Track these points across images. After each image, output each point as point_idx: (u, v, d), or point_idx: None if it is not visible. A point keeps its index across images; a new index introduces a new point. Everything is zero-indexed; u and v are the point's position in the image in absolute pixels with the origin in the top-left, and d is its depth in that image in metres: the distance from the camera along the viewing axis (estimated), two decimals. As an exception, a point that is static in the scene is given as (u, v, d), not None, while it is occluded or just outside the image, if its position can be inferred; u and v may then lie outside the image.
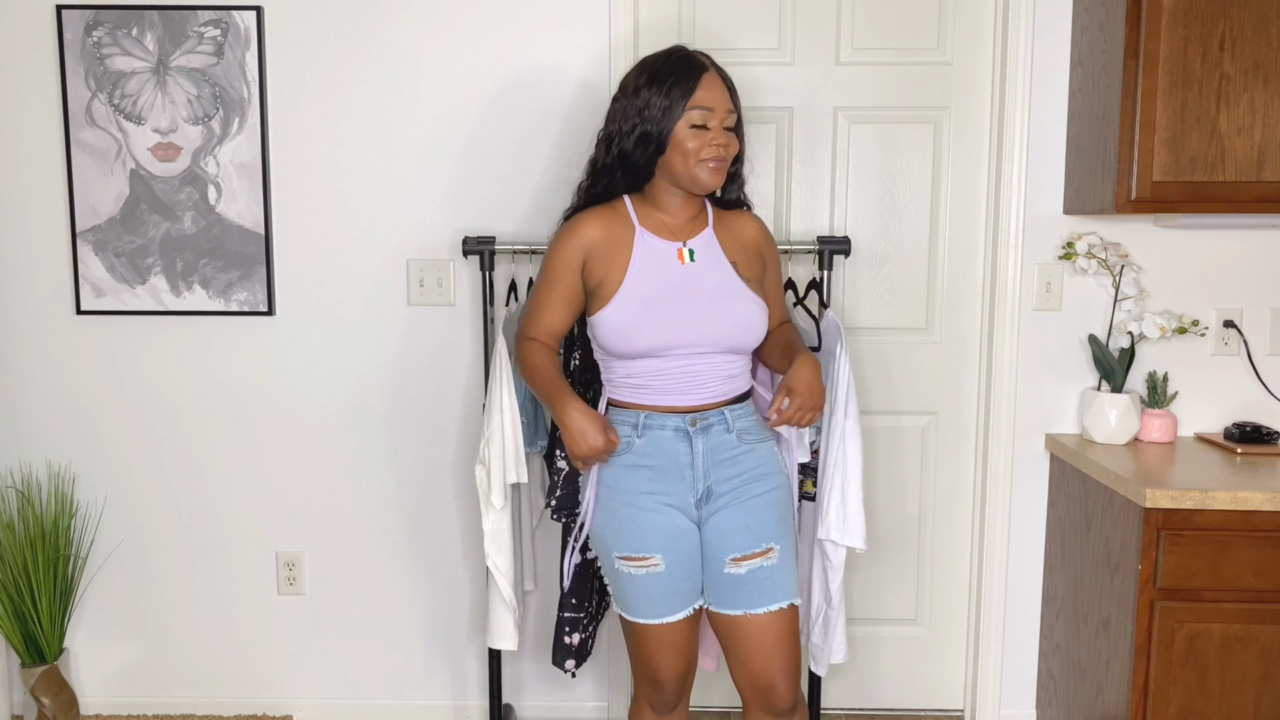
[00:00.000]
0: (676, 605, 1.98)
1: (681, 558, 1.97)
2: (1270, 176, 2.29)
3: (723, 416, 1.99)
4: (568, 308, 2.02)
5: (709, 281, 1.98)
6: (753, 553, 1.96)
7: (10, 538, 2.59)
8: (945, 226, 2.70)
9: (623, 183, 2.01)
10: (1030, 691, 2.78)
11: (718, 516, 1.98)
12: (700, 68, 1.93)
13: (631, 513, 1.97)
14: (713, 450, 1.98)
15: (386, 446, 2.72)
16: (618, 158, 1.98)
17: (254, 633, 2.80)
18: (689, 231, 2.01)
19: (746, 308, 1.98)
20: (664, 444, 1.97)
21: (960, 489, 2.79)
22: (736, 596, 1.96)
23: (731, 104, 1.95)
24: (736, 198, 2.11)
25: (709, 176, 1.94)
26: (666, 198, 2.01)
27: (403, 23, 2.58)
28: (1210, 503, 2.12)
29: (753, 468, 2.01)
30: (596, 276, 1.98)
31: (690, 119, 1.91)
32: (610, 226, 1.99)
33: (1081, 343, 2.66)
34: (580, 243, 1.98)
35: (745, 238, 2.08)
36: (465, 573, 2.77)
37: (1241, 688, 2.18)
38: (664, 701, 2.06)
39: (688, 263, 1.98)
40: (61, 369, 2.70)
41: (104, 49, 2.57)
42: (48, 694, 2.63)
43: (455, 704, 2.82)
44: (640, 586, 1.96)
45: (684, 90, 1.91)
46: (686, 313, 1.94)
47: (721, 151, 1.93)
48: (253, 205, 2.63)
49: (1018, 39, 2.55)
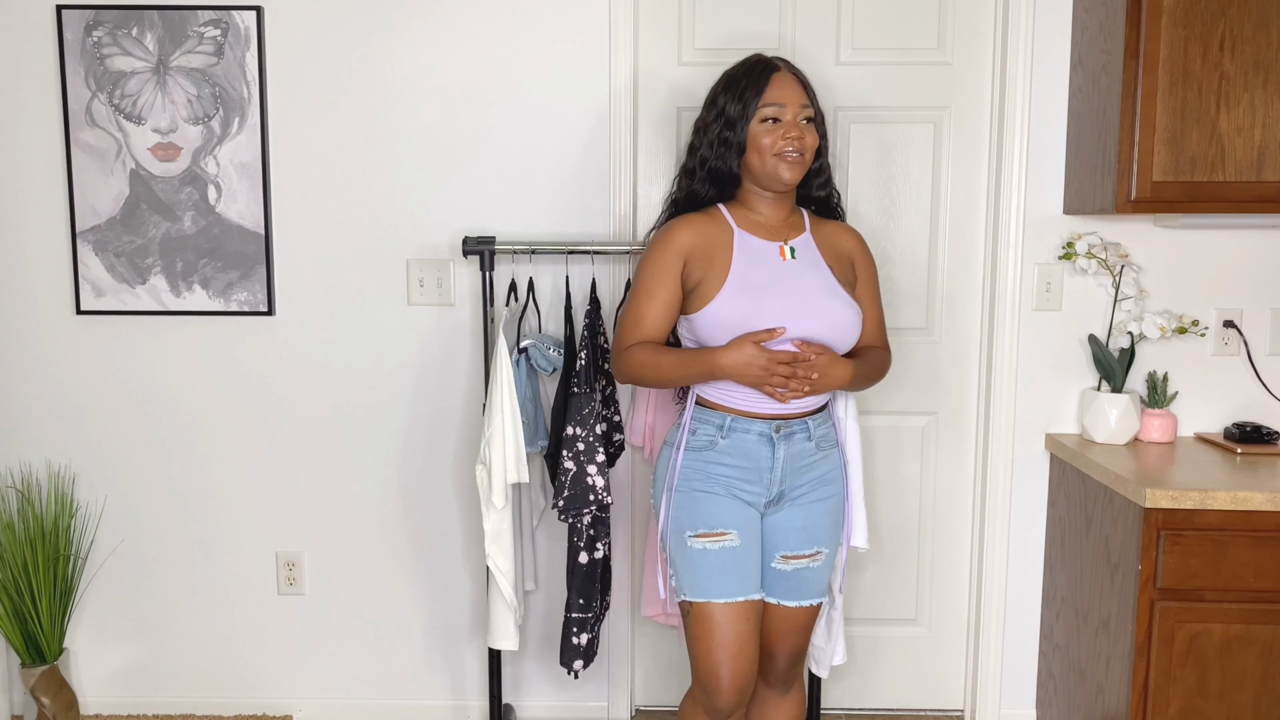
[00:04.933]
0: (745, 586, 1.99)
1: (753, 538, 2.01)
2: (1270, 176, 2.29)
3: (805, 426, 2.02)
4: (669, 313, 2.02)
5: (809, 279, 2.00)
6: (803, 554, 2.04)
7: (10, 538, 2.59)
8: (945, 226, 2.70)
9: (711, 190, 2.05)
10: (1030, 691, 2.78)
11: (779, 514, 2.04)
12: (771, 68, 2.00)
13: (709, 497, 2.00)
14: (793, 458, 2.01)
15: (387, 446, 2.72)
16: (702, 166, 2.04)
17: (254, 633, 2.80)
18: (787, 233, 2.05)
19: (843, 309, 2.00)
20: (748, 447, 1.99)
21: (960, 489, 2.79)
22: (775, 587, 2.06)
23: (806, 99, 2.00)
24: (827, 196, 2.13)
25: (787, 171, 1.97)
26: (757, 201, 2.05)
27: (403, 22, 2.58)
28: (1210, 503, 2.12)
29: (823, 474, 2.06)
30: (696, 277, 1.99)
31: (764, 115, 1.96)
32: (706, 229, 2.02)
33: (1081, 343, 2.66)
34: (678, 248, 2.00)
35: (841, 248, 2.10)
36: (465, 573, 2.77)
37: (1241, 688, 2.18)
38: (718, 710, 2.02)
39: (789, 259, 2.01)
40: (61, 369, 2.70)
41: (104, 49, 2.57)
42: (48, 694, 2.63)
43: (455, 704, 2.82)
44: (715, 561, 1.98)
45: (756, 90, 1.97)
46: (792, 304, 1.96)
47: (796, 144, 1.96)
48: (253, 205, 2.62)
49: (1018, 39, 2.55)
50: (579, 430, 2.30)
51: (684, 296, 2.01)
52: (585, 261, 2.61)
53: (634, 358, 2.01)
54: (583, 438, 2.30)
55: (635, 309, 2.03)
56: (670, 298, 2.00)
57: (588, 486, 2.29)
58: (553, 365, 2.45)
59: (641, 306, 2.01)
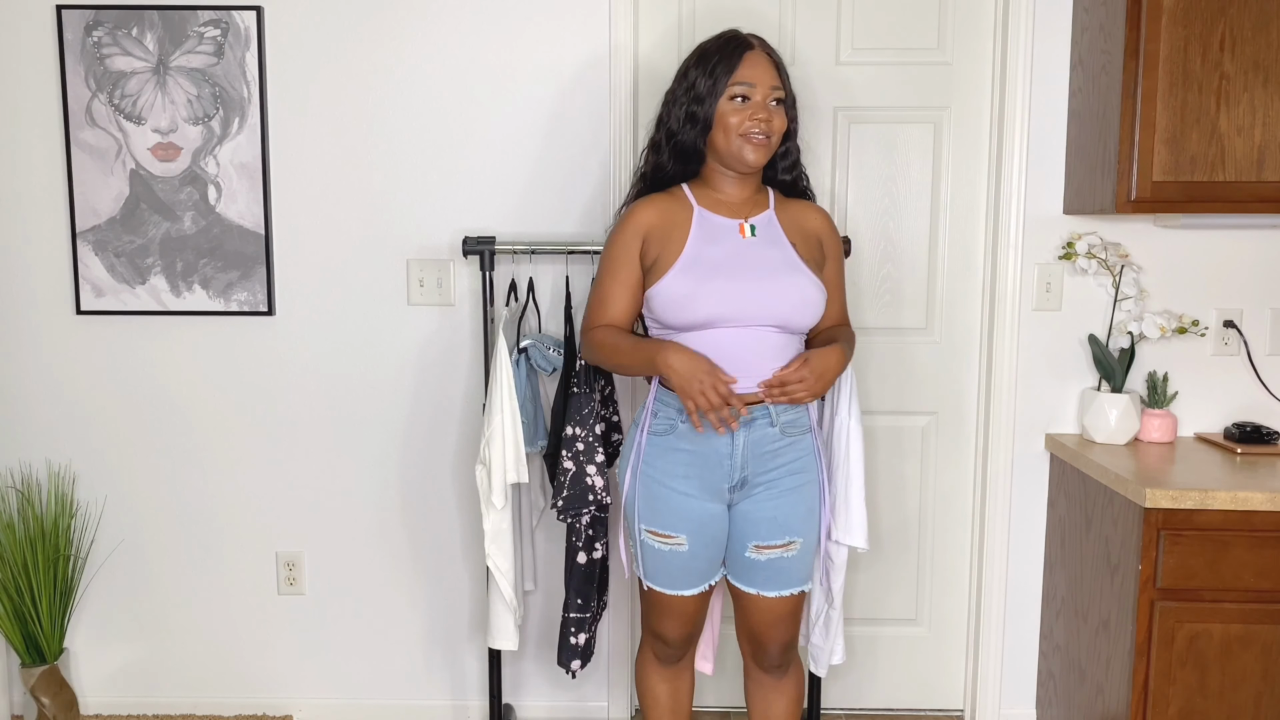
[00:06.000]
0: (693, 582, 2.06)
1: (706, 540, 2.03)
2: (1270, 176, 2.29)
3: (767, 411, 2.00)
4: (631, 294, 2.03)
5: (769, 255, 2.00)
6: (775, 544, 2.03)
7: (10, 538, 2.59)
8: (945, 226, 2.70)
9: (677, 167, 2.05)
10: (1030, 691, 2.78)
11: (748, 503, 2.03)
12: (745, 45, 1.98)
13: (665, 493, 2.01)
14: (754, 444, 2.00)
15: (386, 446, 2.72)
16: (668, 140, 2.03)
17: (254, 633, 2.80)
18: (749, 210, 2.05)
19: (804, 284, 1.99)
20: (707, 433, 1.99)
21: (960, 489, 2.79)
22: (753, 578, 2.06)
23: (778, 80, 1.98)
24: (794, 179, 2.12)
25: (752, 153, 1.96)
26: (721, 179, 2.04)
27: (403, 22, 2.58)
28: (1210, 503, 2.12)
29: (791, 461, 2.03)
30: (653, 254, 2.00)
31: (733, 93, 1.94)
32: (667, 208, 2.03)
33: (1081, 343, 2.66)
34: (636, 227, 2.02)
35: (807, 226, 2.09)
36: (465, 573, 2.77)
37: (1241, 688, 2.18)
38: (670, 655, 2.19)
39: (749, 237, 2.01)
40: (61, 369, 2.70)
41: (104, 49, 2.57)
42: (48, 694, 2.63)
43: (455, 704, 2.82)
44: (662, 560, 2.04)
45: (727, 67, 1.95)
46: (745, 284, 1.95)
47: (763, 125, 1.95)
48: (253, 205, 2.62)
49: (1018, 39, 2.55)
50: (578, 430, 2.30)
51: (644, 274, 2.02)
52: (586, 261, 2.61)
53: (596, 338, 2.05)
54: (582, 437, 2.30)
55: (599, 290, 2.06)
56: (630, 278, 2.02)
57: (587, 486, 2.29)
58: (552, 365, 2.45)
59: (605, 288, 2.05)
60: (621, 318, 2.05)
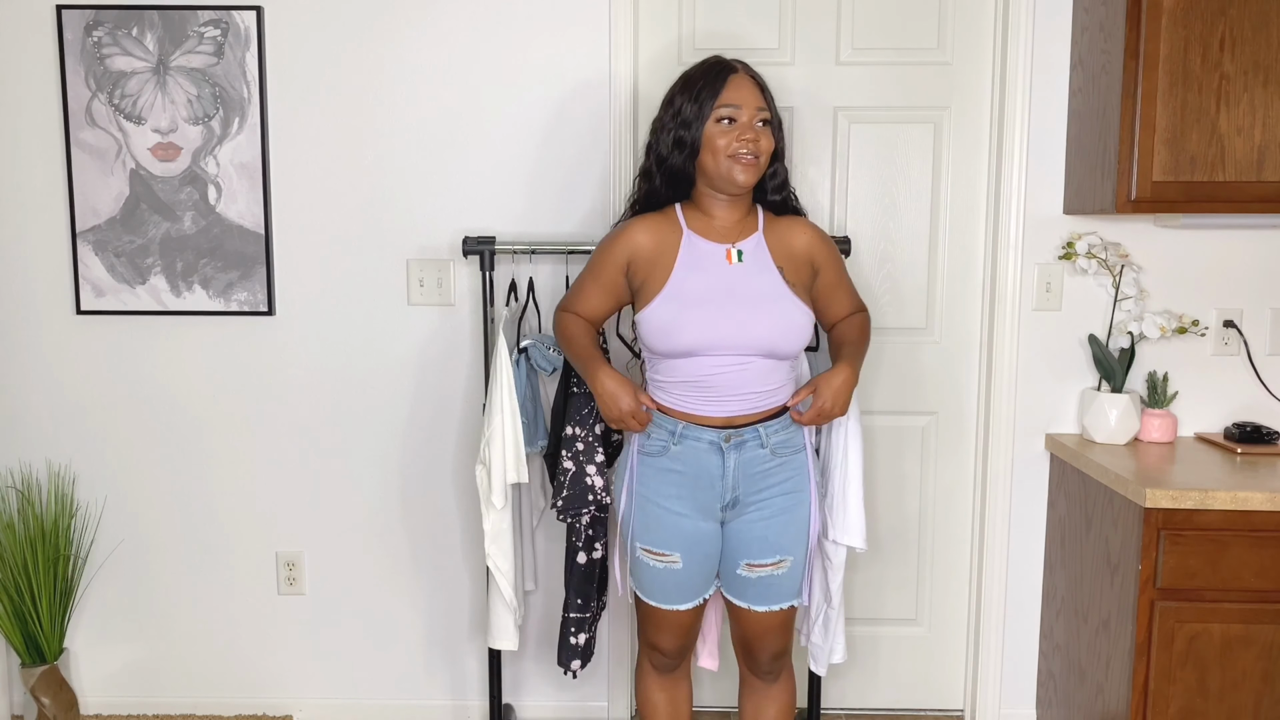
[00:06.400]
0: (686, 597, 2.10)
1: (699, 559, 2.07)
2: (1270, 176, 2.29)
3: (757, 433, 2.03)
4: (604, 298, 2.12)
5: (755, 283, 2.02)
6: (766, 563, 2.06)
7: (10, 538, 2.59)
8: (945, 226, 2.70)
9: (668, 191, 2.08)
10: (1030, 691, 2.78)
11: (740, 522, 2.06)
12: (729, 70, 2.01)
13: (658, 513, 2.05)
14: (744, 465, 2.03)
15: (386, 446, 2.72)
16: (658, 166, 2.06)
17: (254, 633, 2.80)
18: (738, 234, 2.06)
19: (790, 310, 2.01)
20: (698, 455, 2.02)
21: (960, 489, 2.79)
22: (745, 593, 2.10)
23: (763, 102, 2.00)
24: (783, 199, 2.13)
25: (741, 173, 1.98)
26: (710, 202, 2.06)
27: (403, 22, 2.58)
28: (1210, 503, 2.12)
29: (782, 480, 2.06)
30: (640, 277, 2.04)
31: (719, 115, 1.97)
32: (659, 230, 2.06)
33: (1081, 343, 2.66)
34: (627, 245, 2.06)
35: (796, 245, 2.10)
36: (465, 573, 2.77)
37: (1241, 688, 2.18)
38: (666, 665, 2.22)
39: (735, 263, 2.03)
40: (61, 369, 2.70)
41: (104, 49, 2.57)
42: (48, 694, 2.63)
43: (455, 704, 2.82)
44: (656, 577, 2.08)
45: (712, 92, 1.98)
46: (730, 312, 1.98)
47: (750, 146, 1.96)
48: (253, 205, 2.62)
49: (1018, 39, 2.55)
50: (578, 430, 2.30)
51: (631, 294, 2.09)
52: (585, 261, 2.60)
53: (563, 321, 2.17)
54: (582, 437, 2.30)
55: (580, 283, 2.17)
56: (608, 287, 2.10)
57: (587, 486, 2.29)
58: (552, 365, 2.45)
59: (585, 284, 2.14)
60: (592, 314, 2.14)
